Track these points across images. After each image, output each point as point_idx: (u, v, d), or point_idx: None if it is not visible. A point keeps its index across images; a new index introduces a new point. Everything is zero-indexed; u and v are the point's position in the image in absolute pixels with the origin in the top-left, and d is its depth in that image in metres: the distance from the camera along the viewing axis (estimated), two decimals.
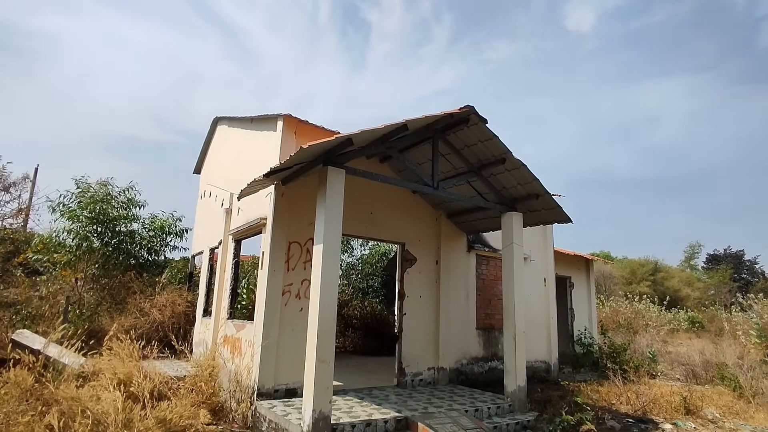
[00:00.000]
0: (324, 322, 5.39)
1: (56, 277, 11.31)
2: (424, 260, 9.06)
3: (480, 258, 10.16)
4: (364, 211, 8.40)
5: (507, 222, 7.89)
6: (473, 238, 10.08)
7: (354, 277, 17.40)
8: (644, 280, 40.60)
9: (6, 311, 9.34)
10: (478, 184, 8.13)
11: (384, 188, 8.62)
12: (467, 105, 6.42)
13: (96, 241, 12.72)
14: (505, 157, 7.14)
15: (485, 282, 10.16)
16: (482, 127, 6.81)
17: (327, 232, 5.60)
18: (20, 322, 10.40)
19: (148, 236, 13.50)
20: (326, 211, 5.64)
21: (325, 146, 5.41)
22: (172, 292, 12.10)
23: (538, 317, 11.08)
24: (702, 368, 12.74)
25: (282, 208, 7.25)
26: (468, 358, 9.44)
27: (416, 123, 6.16)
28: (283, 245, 7.20)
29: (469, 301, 9.71)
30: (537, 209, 7.97)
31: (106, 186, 13.71)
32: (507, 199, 7.98)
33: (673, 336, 23.10)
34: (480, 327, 9.83)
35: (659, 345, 16.57)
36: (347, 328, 14.80)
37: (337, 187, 5.76)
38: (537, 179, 7.25)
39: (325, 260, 5.52)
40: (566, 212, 7.78)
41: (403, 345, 8.47)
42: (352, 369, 10.44)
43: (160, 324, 11.20)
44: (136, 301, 11.60)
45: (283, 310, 7.03)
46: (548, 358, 11.12)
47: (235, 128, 10.57)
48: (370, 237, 8.66)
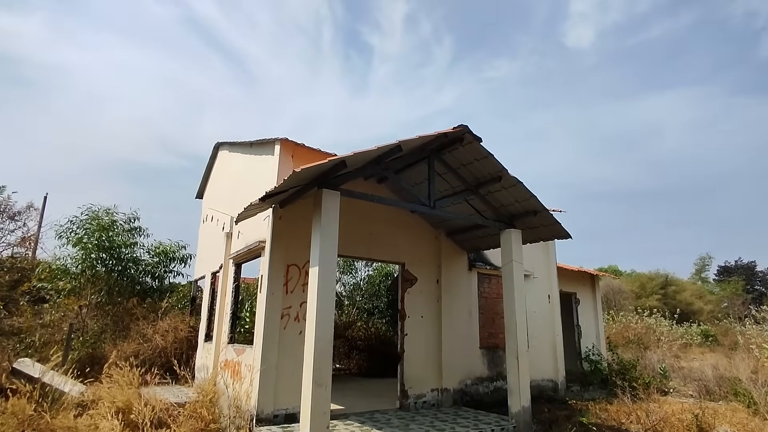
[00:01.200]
0: (320, 346, 5.35)
1: (59, 305, 11.35)
2: (424, 280, 9.02)
3: (482, 276, 10.09)
4: (363, 232, 8.41)
5: (506, 239, 7.86)
6: (474, 256, 10.03)
7: (359, 298, 17.33)
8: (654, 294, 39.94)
9: (9, 339, 9.34)
10: (475, 202, 8.14)
11: (382, 208, 8.65)
12: (461, 124, 6.48)
13: (101, 268, 12.81)
14: (501, 175, 7.16)
15: (488, 300, 10.07)
16: (477, 146, 6.85)
17: (322, 254, 5.61)
18: (24, 351, 10.44)
19: (153, 262, 13.56)
20: (321, 233, 5.65)
21: (319, 169, 5.46)
22: (175, 317, 12.09)
23: (544, 335, 10.92)
24: (715, 384, 12.42)
25: (280, 230, 7.28)
26: (472, 378, 9.29)
27: (410, 144, 6.21)
28: (282, 268, 7.20)
29: (471, 320, 9.61)
30: (536, 226, 7.94)
31: (111, 214, 13.87)
32: (505, 216, 7.97)
33: (686, 351, 22.60)
34: (484, 346, 9.70)
35: (671, 360, 16.22)
36: (352, 350, 14.68)
37: (331, 209, 5.79)
38: (534, 196, 7.25)
39: (321, 282, 5.51)
40: (565, 228, 7.75)
41: (405, 366, 8.37)
42: (355, 392, 10.30)
43: (162, 349, 11.16)
44: (138, 327, 11.58)
45: (282, 333, 6.99)
46: (555, 376, 10.92)
47: (235, 153, 10.71)
48: (369, 258, 8.65)
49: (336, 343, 14.60)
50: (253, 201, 6.14)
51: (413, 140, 6.04)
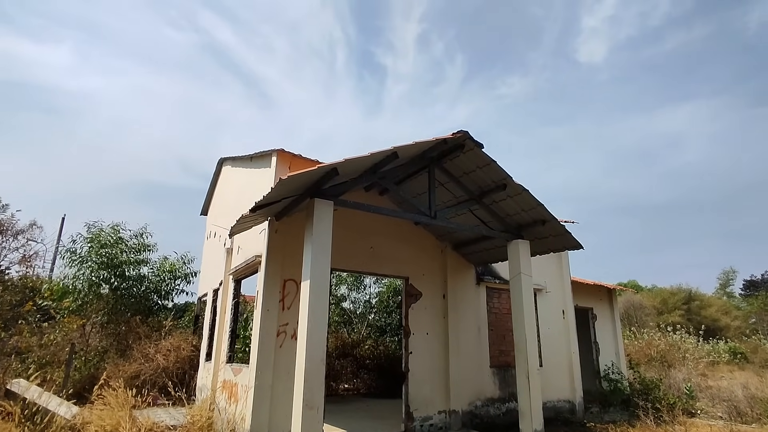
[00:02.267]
0: (311, 366, 5.00)
1: (61, 325, 11.22)
2: (429, 295, 8.63)
3: (491, 291, 9.65)
4: (364, 246, 8.11)
5: (513, 251, 7.46)
6: (482, 269, 9.62)
7: (373, 315, 16.91)
8: (677, 310, 38.54)
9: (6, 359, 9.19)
10: (480, 212, 7.79)
11: (384, 221, 8.35)
12: (461, 130, 6.19)
13: (105, 287, 12.69)
14: (506, 183, 6.82)
15: (498, 316, 9.61)
16: (479, 153, 6.54)
17: (314, 267, 5.31)
18: (25, 371, 10.28)
19: (156, 280, 13.40)
20: (313, 244, 5.37)
21: (309, 177, 5.20)
22: (179, 336, 11.85)
23: (559, 352, 10.37)
24: (747, 404, 11.61)
25: (276, 244, 7.02)
26: (482, 399, 8.78)
27: (407, 150, 5.93)
28: (278, 283, 6.91)
29: (480, 337, 9.15)
30: (545, 236, 7.54)
31: (117, 230, 13.81)
32: (512, 226, 7.59)
33: (714, 369, 21.52)
34: (494, 365, 9.21)
35: (698, 379, 15.35)
36: (360, 369, 14.22)
37: (324, 220, 5.51)
38: (541, 204, 6.88)
39: (313, 297, 5.20)
40: (577, 239, 7.33)
41: (410, 387, 7.93)
42: (360, 413, 9.86)
43: (164, 369, 10.89)
44: (140, 347, 11.36)
45: (277, 352, 6.66)
46: (572, 396, 10.32)
47: (237, 168, 10.57)
48: (371, 272, 8.32)
49: (344, 363, 14.23)
50: (245, 213, 5.90)
51: (410, 146, 5.76)
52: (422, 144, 5.96)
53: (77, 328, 11.65)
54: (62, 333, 11.25)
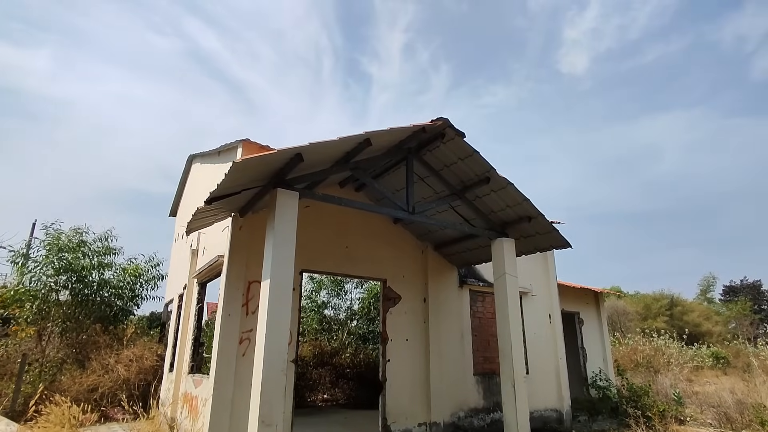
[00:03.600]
0: (270, 376, 4.40)
1: (12, 334, 10.34)
2: (409, 298, 8.08)
3: (474, 294, 9.15)
4: (339, 245, 7.53)
5: (497, 249, 6.97)
6: (465, 271, 9.11)
7: (356, 323, 16.23)
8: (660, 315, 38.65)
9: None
10: (463, 209, 7.29)
11: (361, 220, 7.80)
12: (440, 117, 5.69)
13: (64, 293, 11.83)
14: (489, 176, 6.33)
15: (482, 321, 9.09)
16: (460, 143, 6.05)
17: (276, 264, 4.72)
18: None
19: (119, 285, 12.55)
20: (275, 239, 4.78)
21: (269, 163, 4.63)
22: (142, 345, 11.05)
23: (545, 359, 9.88)
24: (736, 410, 11.29)
25: (240, 242, 6.40)
26: (466, 409, 8.23)
27: (381, 138, 5.40)
28: (241, 285, 6.29)
29: (464, 343, 8.62)
30: (531, 234, 7.06)
31: (80, 234, 12.96)
32: (496, 224, 7.10)
33: (698, 374, 21.38)
34: (478, 372, 8.67)
35: (684, 385, 15.05)
36: (339, 379, 13.53)
37: (288, 213, 4.93)
38: (527, 199, 6.41)
39: (273, 299, 4.60)
40: (564, 236, 6.87)
41: (387, 397, 7.35)
42: (337, 426, 9.21)
43: (125, 381, 10.10)
44: (100, 357, 10.54)
45: (239, 361, 6.02)
46: (559, 405, 9.83)
47: (206, 164, 9.91)
48: (345, 274, 7.74)
49: (322, 372, 13.53)
50: (200, 206, 5.29)
51: (384, 133, 5.23)
52: (398, 131, 5.44)
53: (30, 337, 10.78)
54: (13, 343, 10.37)
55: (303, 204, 7.25)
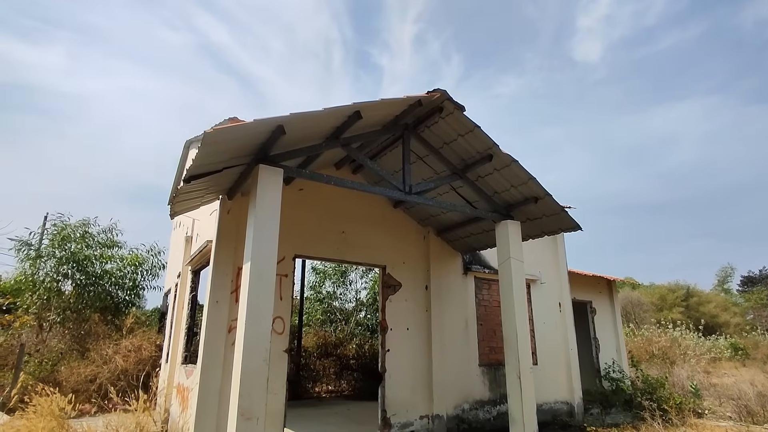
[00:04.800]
0: (251, 366, 4.07)
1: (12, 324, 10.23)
2: (410, 286, 7.71)
3: (479, 281, 8.74)
4: (335, 230, 7.18)
5: (502, 232, 6.54)
6: (470, 258, 8.70)
7: (363, 313, 15.94)
8: (676, 306, 37.80)
9: None
10: (465, 190, 6.86)
11: (358, 203, 7.44)
12: (437, 88, 5.27)
13: (67, 283, 11.71)
14: (492, 153, 5.90)
15: (487, 309, 8.69)
16: (460, 117, 5.62)
17: (257, 247, 4.37)
18: None
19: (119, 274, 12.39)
20: (256, 219, 4.43)
21: (247, 135, 4.26)
22: (141, 335, 10.88)
23: (555, 349, 9.46)
24: (757, 403, 10.75)
25: (228, 226, 6.07)
26: (471, 402, 7.87)
27: (373, 110, 5.00)
28: (229, 272, 5.97)
29: (468, 332, 8.23)
30: (537, 216, 6.62)
31: (85, 225, 12.84)
32: (500, 205, 6.67)
33: (716, 366, 20.74)
34: (484, 363, 8.29)
35: (701, 376, 14.50)
36: (343, 370, 13.27)
37: (271, 190, 4.57)
38: (533, 178, 5.96)
39: (254, 283, 4.26)
40: (574, 218, 6.41)
41: (387, 389, 7.01)
42: (338, 418, 8.93)
43: (123, 372, 9.92)
44: (98, 348, 10.38)
45: (228, 350, 5.71)
46: (570, 397, 9.41)
47: None
48: (342, 260, 7.39)
49: (326, 363, 13.28)
50: (180, 185, 4.95)
51: (375, 104, 4.83)
52: (390, 103, 5.03)
53: (29, 327, 10.67)
54: (11, 333, 10.26)
55: (296, 186, 6.93)
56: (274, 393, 5.93)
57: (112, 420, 7.23)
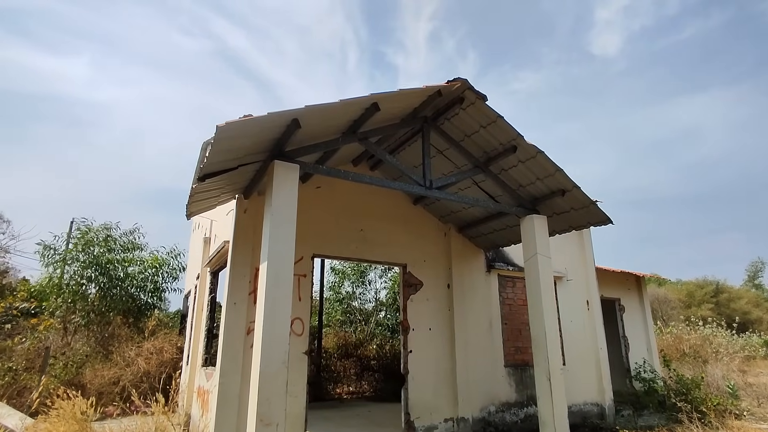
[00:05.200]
0: (269, 370, 3.91)
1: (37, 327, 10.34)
2: (431, 284, 7.48)
3: (503, 279, 8.46)
4: (353, 229, 7.00)
5: (527, 228, 6.27)
6: (493, 255, 8.43)
7: (384, 313, 15.77)
8: (705, 303, 36.60)
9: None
10: (487, 184, 6.61)
11: (377, 200, 7.25)
12: (458, 77, 5.04)
13: (91, 287, 11.84)
14: (516, 144, 5.64)
15: (512, 308, 8.41)
16: (482, 107, 5.38)
17: (273, 246, 4.22)
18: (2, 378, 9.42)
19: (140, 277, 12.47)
20: (272, 217, 4.27)
21: (261, 129, 4.11)
22: (163, 338, 10.90)
23: (583, 348, 9.11)
24: None
25: (245, 226, 5.95)
26: (497, 404, 7.60)
27: (391, 102, 4.80)
28: (247, 272, 5.85)
29: (493, 332, 7.97)
30: (565, 210, 6.32)
31: (107, 229, 12.98)
32: (525, 199, 6.39)
33: (750, 364, 19.91)
34: (510, 364, 8.02)
35: (736, 376, 13.88)
36: (364, 371, 13.10)
37: (286, 187, 4.41)
38: (560, 169, 5.68)
39: (271, 283, 4.11)
40: (604, 211, 6.10)
41: (410, 391, 6.80)
42: (360, 420, 8.75)
43: (145, 374, 9.94)
44: (121, 350, 10.43)
45: (246, 353, 5.58)
46: (600, 399, 9.04)
47: None
48: (361, 259, 7.21)
49: (346, 364, 13.13)
50: (194, 185, 4.83)
51: (393, 96, 4.62)
52: (408, 94, 4.82)
53: (55, 329, 10.79)
54: (37, 337, 10.38)
55: (313, 185, 6.78)
56: (294, 396, 5.79)
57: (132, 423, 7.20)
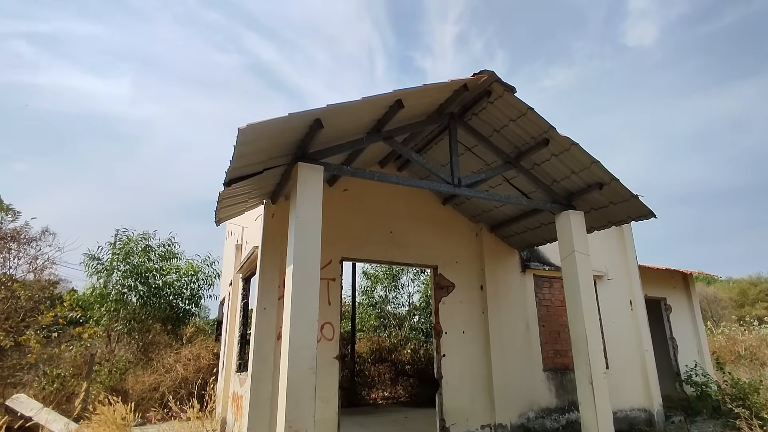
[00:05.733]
0: (297, 376, 3.83)
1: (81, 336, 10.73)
2: (464, 286, 7.27)
3: (539, 279, 8.14)
4: (382, 231, 6.89)
5: (563, 224, 5.98)
6: (528, 254, 8.13)
7: (417, 317, 15.59)
8: (760, 302, 34.42)
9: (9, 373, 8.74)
10: (519, 180, 6.36)
11: (405, 202, 7.12)
12: (484, 70, 4.85)
13: (132, 295, 12.23)
14: (548, 137, 5.39)
15: (549, 309, 8.07)
16: (511, 100, 5.17)
17: (299, 248, 4.15)
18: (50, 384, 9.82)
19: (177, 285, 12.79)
20: (297, 219, 4.21)
21: (283, 130, 4.05)
22: (200, 344, 11.10)
23: (628, 351, 8.64)
24: None
25: (273, 231, 5.94)
26: (536, 409, 7.29)
27: (414, 97, 4.67)
28: (275, 277, 5.82)
29: (530, 335, 7.66)
30: (603, 204, 6.00)
31: (146, 239, 13.40)
32: (560, 195, 6.11)
33: None
34: (549, 368, 7.68)
35: None
36: (399, 376, 12.94)
37: (311, 189, 4.35)
38: (597, 161, 5.39)
39: (297, 287, 4.04)
40: (646, 204, 5.75)
41: (444, 396, 6.61)
42: (394, 426, 8.60)
43: (183, 380, 10.14)
44: (161, 357, 10.69)
45: (277, 358, 5.50)
46: (648, 404, 8.54)
47: None
48: (391, 261, 7.09)
49: (380, 369, 13.01)
50: (221, 190, 4.84)
51: (417, 92, 4.49)
52: (433, 88, 4.67)
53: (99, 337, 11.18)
54: (82, 345, 10.77)
55: (341, 187, 6.72)
56: (326, 401, 5.72)
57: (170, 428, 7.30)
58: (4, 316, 9.31)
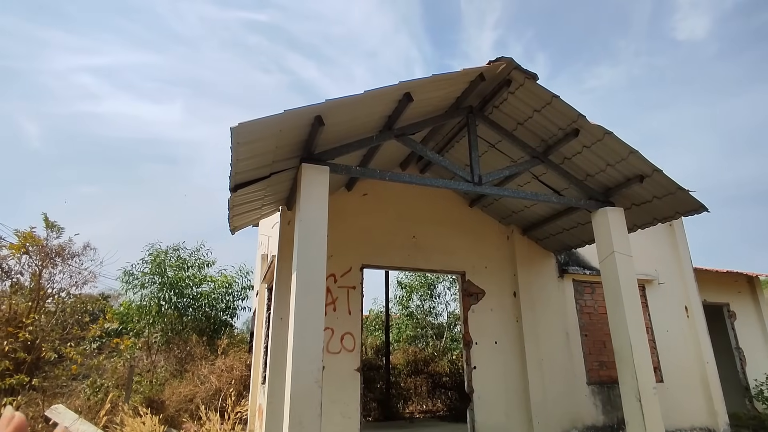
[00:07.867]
0: (301, 389, 3.57)
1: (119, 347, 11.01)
2: (495, 293, 6.80)
3: (579, 284, 7.52)
4: (405, 236, 6.57)
5: (601, 223, 5.43)
6: (565, 258, 7.54)
7: (457, 327, 15.05)
8: None
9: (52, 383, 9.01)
10: (549, 176, 5.88)
11: (428, 204, 6.78)
12: (502, 56, 4.48)
13: (168, 307, 12.48)
14: (578, 127, 4.92)
15: (592, 317, 7.42)
16: (533, 88, 4.76)
17: (303, 253, 3.91)
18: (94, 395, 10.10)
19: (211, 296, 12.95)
20: (301, 224, 3.98)
21: (285, 128, 3.85)
22: (233, 355, 11.11)
23: (685, 363, 7.81)
24: None
25: (288, 238, 5.74)
26: (580, 427, 6.65)
27: (425, 90, 4.36)
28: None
29: (571, 345, 7.06)
30: (646, 199, 5.41)
31: (177, 250, 13.71)
32: (596, 190, 5.58)
33: None
34: (593, 381, 7.03)
35: None
36: (436, 389, 12.43)
37: (316, 189, 4.11)
38: (635, 151, 4.85)
39: (301, 294, 3.80)
40: (696, 198, 5.12)
41: (476, 412, 6.15)
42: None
43: (217, 391, 10.13)
44: (196, 368, 10.77)
45: None
46: (712, 422, 7.65)
47: None
48: (415, 268, 6.75)
49: (416, 381, 12.55)
50: (230, 196, 4.70)
51: (427, 83, 4.17)
52: (445, 79, 4.33)
53: (138, 348, 11.43)
54: (123, 356, 11.04)
55: (360, 192, 6.47)
56: (347, 416, 5.43)
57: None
58: (49, 328, 9.71)
